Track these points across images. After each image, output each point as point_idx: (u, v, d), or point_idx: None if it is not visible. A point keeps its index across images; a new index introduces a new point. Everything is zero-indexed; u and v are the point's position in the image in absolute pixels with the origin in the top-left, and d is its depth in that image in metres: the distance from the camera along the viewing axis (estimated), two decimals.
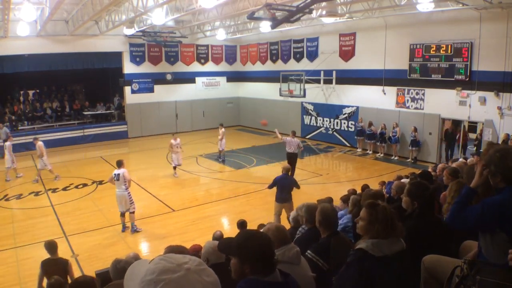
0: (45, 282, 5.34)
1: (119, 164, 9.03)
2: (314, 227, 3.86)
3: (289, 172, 9.28)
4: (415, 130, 14.86)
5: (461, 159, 9.86)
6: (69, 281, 5.15)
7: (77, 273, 6.66)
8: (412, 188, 3.43)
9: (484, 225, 2.34)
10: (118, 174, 8.83)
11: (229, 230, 8.92)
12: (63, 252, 8.05)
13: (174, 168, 13.89)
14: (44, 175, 13.99)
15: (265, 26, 15.94)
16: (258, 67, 23.57)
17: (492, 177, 2.42)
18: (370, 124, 16.49)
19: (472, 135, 16.27)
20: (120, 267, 3.61)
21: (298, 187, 9.07)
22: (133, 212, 9.08)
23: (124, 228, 9.16)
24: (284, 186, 8.77)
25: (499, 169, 2.36)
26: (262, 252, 1.90)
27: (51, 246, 5.62)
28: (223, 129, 15.42)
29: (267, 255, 1.92)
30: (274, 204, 8.93)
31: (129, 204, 8.95)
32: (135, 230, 9.09)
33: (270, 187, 9.02)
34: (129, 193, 8.96)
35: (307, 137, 20.39)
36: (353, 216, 4.81)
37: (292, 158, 12.59)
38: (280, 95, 20.31)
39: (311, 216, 3.95)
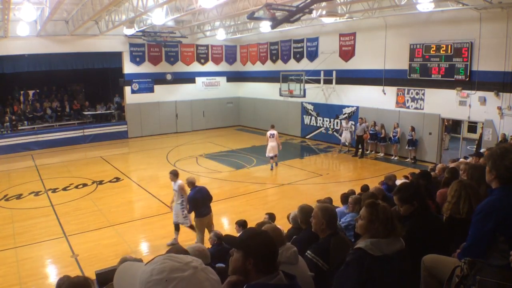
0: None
1: (272, 126, 14.57)
2: (309, 227, 3.86)
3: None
4: (413, 129, 14.89)
5: (461, 159, 9.88)
6: None
7: (77, 273, 6.67)
8: (402, 194, 3.31)
9: (489, 237, 2.37)
10: (273, 134, 14.11)
11: (229, 230, 8.92)
12: (63, 252, 8.09)
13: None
14: (44, 175, 14.01)
15: (265, 26, 15.91)
16: (258, 67, 23.55)
17: (487, 173, 2.47)
18: (374, 124, 16.48)
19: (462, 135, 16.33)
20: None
21: (211, 197, 8.16)
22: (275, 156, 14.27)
23: (272, 166, 14.38)
24: (203, 198, 7.91)
25: (495, 166, 2.41)
26: (267, 249, 1.88)
27: None
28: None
29: (272, 253, 1.90)
30: (194, 221, 8.07)
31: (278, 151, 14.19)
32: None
33: (191, 209, 7.95)
34: (278, 145, 14.18)
35: (307, 137, 20.39)
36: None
37: (359, 139, 16.47)
38: (280, 95, 20.29)
39: (305, 217, 3.96)
